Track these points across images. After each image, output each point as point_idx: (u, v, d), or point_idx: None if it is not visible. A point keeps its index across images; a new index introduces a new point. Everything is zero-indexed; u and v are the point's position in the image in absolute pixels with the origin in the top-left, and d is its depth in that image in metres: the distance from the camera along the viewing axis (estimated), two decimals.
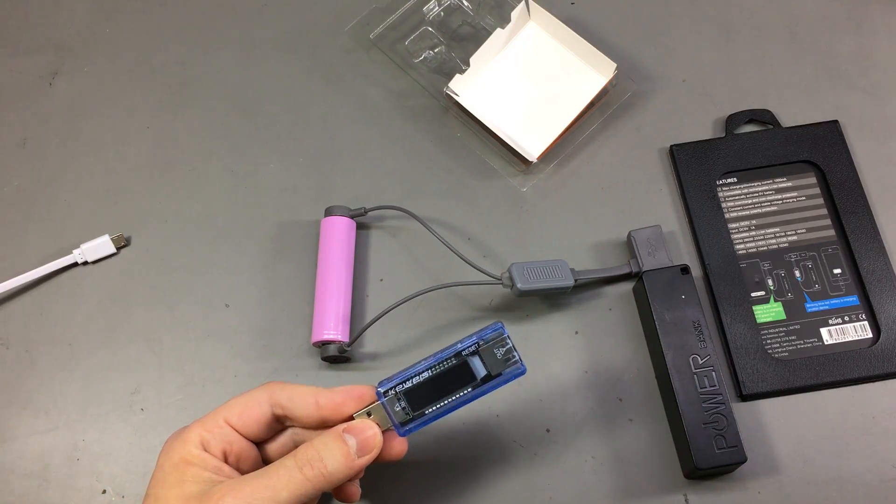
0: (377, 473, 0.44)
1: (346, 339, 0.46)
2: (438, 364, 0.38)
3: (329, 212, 0.49)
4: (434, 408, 0.38)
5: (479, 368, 0.38)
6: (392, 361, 0.47)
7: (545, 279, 0.45)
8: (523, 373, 0.39)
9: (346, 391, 0.37)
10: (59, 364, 0.48)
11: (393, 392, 0.38)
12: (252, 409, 0.37)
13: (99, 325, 0.49)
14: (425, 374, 0.38)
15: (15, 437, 0.46)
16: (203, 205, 0.51)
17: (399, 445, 0.38)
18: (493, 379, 0.38)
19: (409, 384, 0.38)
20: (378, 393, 0.38)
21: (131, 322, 0.48)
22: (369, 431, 0.37)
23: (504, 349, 0.38)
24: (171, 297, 0.49)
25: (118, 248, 0.50)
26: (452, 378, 0.38)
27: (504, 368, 0.38)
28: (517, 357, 0.38)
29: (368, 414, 0.38)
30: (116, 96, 0.55)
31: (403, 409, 0.38)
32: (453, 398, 0.38)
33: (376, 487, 0.44)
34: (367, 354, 0.47)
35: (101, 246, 0.50)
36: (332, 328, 0.45)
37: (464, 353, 0.38)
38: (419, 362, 0.39)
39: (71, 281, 0.50)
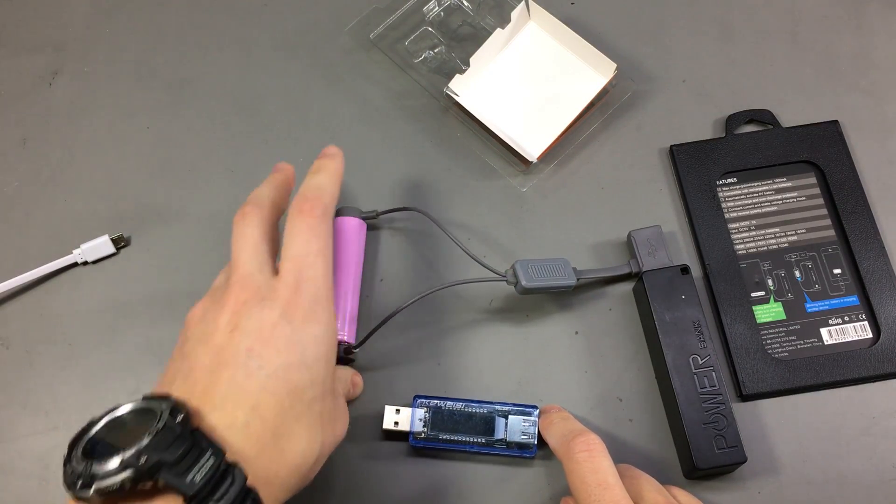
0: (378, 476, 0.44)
1: (352, 341, 0.46)
2: (471, 406, 0.44)
3: (339, 212, 0.48)
4: (447, 437, 0.43)
5: (500, 429, 0.43)
6: (392, 363, 0.47)
7: (548, 277, 0.45)
8: (531, 455, 0.43)
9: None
10: (58, 364, 0.48)
11: (426, 404, 0.44)
12: None
13: (99, 325, 0.48)
14: (457, 406, 0.44)
15: (15, 437, 0.46)
16: (203, 205, 0.51)
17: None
18: (505, 444, 0.43)
19: (440, 405, 0.44)
20: (414, 399, 0.44)
21: (131, 322, 0.48)
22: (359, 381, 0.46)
23: (528, 427, 0.43)
24: (171, 297, 0.49)
25: (118, 248, 0.50)
26: (474, 424, 0.43)
27: (518, 440, 0.43)
28: (534, 440, 0.43)
29: (397, 411, 0.43)
30: (116, 96, 0.55)
31: (424, 423, 0.43)
32: (465, 440, 0.43)
33: (376, 492, 0.44)
34: (367, 355, 0.47)
35: (101, 246, 0.50)
36: (340, 328, 0.45)
37: (497, 411, 0.43)
38: (457, 398, 0.44)
39: (71, 281, 0.50)
